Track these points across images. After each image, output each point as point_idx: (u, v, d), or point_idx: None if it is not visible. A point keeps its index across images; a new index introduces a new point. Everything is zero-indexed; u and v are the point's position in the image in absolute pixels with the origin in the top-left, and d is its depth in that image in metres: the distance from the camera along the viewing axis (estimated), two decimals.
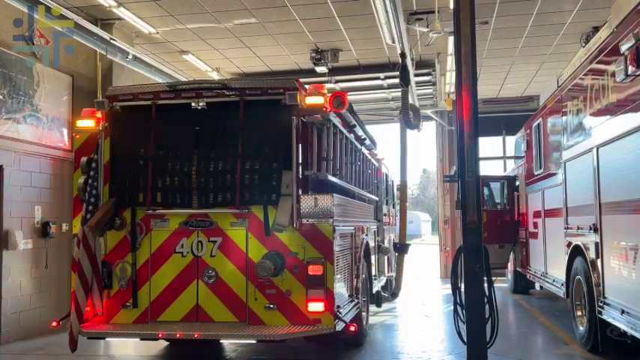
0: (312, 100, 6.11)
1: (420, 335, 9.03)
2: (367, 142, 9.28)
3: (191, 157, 6.21)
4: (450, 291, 6.39)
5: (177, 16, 9.85)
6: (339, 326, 6.02)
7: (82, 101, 9.97)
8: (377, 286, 9.93)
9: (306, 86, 6.40)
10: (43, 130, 9.13)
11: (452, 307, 6.18)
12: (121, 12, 9.47)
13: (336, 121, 6.77)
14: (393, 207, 13.31)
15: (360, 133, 8.55)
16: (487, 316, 5.59)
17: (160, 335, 6.04)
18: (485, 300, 5.57)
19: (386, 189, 11.91)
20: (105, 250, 6.29)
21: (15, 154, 8.52)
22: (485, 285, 5.57)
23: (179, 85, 6.59)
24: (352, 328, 6.17)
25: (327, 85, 13.86)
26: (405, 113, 10.10)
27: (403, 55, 9.82)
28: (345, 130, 7.39)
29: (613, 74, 5.90)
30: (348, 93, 12.95)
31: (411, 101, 11.02)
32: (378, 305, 10.27)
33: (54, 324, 6.41)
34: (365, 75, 13.62)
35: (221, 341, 7.73)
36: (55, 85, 9.42)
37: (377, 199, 10.38)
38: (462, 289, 5.64)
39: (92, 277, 6.12)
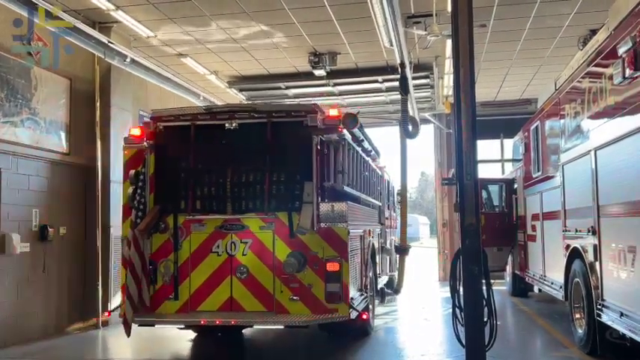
0: (330, 122, 7.00)
1: (419, 338, 9.02)
2: (372, 153, 10.23)
3: (225, 170, 7.13)
4: (448, 294, 6.39)
5: (175, 20, 9.85)
6: (353, 315, 6.92)
7: (80, 104, 9.98)
8: (380, 284, 10.97)
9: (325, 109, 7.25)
10: (40, 134, 9.12)
11: (451, 310, 6.19)
12: (119, 15, 9.47)
13: (349, 137, 7.61)
14: (394, 211, 14.17)
15: (367, 145, 9.40)
16: (486, 319, 5.59)
17: (202, 322, 6.98)
18: (484, 303, 5.57)
19: (387, 194, 12.81)
20: (151, 250, 7.13)
21: (13, 157, 8.50)
22: (484, 288, 5.57)
23: (214, 109, 7.59)
24: (364, 316, 7.48)
25: (325, 89, 14.05)
26: (405, 124, 11.04)
27: (402, 65, 10.35)
28: (355, 145, 8.28)
29: (611, 77, 5.91)
30: (346, 96, 13.64)
31: (410, 108, 11.76)
32: (382, 300, 11.39)
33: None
34: (363, 78, 13.62)
35: (242, 332, 8.80)
36: (52, 88, 9.41)
37: (380, 204, 11.14)
38: (461, 292, 5.64)
39: (141, 274, 6.92)
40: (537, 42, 11.36)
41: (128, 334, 6.89)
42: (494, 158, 17.28)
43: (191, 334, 8.95)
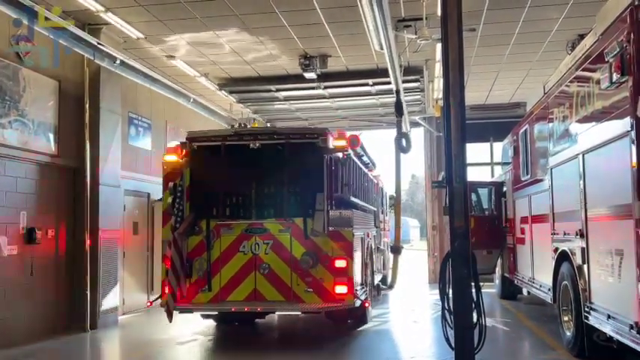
0: (338, 143, 8.40)
1: (409, 341, 9.05)
2: (369, 164, 11.74)
3: (250, 183, 8.52)
4: (438, 296, 6.41)
5: (165, 22, 9.82)
6: (357, 303, 8.30)
7: (68, 106, 9.91)
8: (376, 280, 12.36)
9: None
10: (29, 136, 9.05)
11: (440, 313, 6.20)
12: (109, 17, 9.42)
13: (353, 155, 9.07)
14: (386, 215, 15.83)
15: (366, 159, 10.93)
16: (475, 321, 5.61)
17: (233, 309, 8.32)
18: (473, 305, 5.60)
19: (381, 200, 14.53)
20: (187, 249, 8.35)
21: (0, 159, 8.43)
22: (473, 290, 5.59)
23: (241, 131, 9.04)
24: (366, 304, 9.07)
25: (316, 92, 14.08)
26: (399, 140, 12.71)
27: (398, 92, 12.01)
28: (357, 161, 9.78)
29: (598, 81, 5.96)
30: (336, 99, 14.68)
31: (403, 125, 13.51)
32: (378, 294, 12.69)
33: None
34: (354, 81, 13.65)
35: (256, 320, 10.08)
36: (41, 90, 9.34)
37: (375, 209, 12.59)
38: (450, 295, 5.65)
39: (180, 269, 8.12)
40: (526, 46, 11.44)
41: (170, 320, 8.19)
42: (484, 161, 17.35)
43: (182, 338, 8.93)
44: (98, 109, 10.22)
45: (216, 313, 9.30)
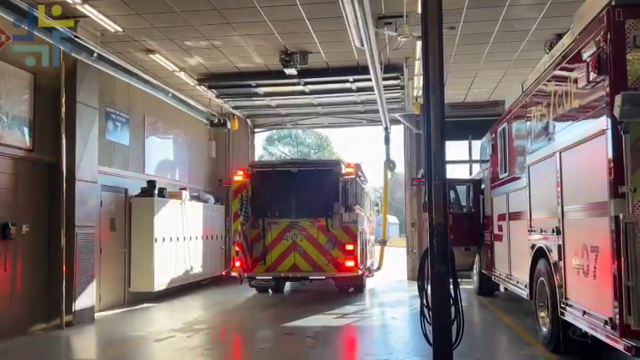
0: (348, 170, 13.30)
1: (387, 337, 9.08)
2: (364, 180, 16.62)
3: (291, 195, 13.14)
4: (416, 293, 6.44)
5: (143, 15, 9.68)
6: (359, 272, 13.03)
7: (44, 100, 9.73)
8: (368, 263, 16.28)
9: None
10: (2, 129, 8.86)
11: (418, 309, 6.24)
12: (86, 9, 9.25)
13: (356, 177, 13.81)
14: (373, 216, 20.91)
15: (362, 177, 15.80)
16: (453, 317, 5.65)
17: (282, 276, 12.93)
18: (451, 302, 5.63)
19: (369, 205, 19.27)
20: (250, 237, 12.83)
21: None
22: (451, 287, 5.63)
23: (285, 161, 16.44)
24: (366, 274, 14.46)
25: (296, 88, 14.06)
26: (387, 164, 17.36)
27: (386, 128, 16.29)
28: (358, 180, 14.56)
29: (575, 80, 6.04)
30: (317, 95, 15.78)
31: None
32: (369, 273, 16.11)
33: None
34: (334, 78, 13.63)
35: (285, 289, 14.61)
36: (15, 83, 9.15)
37: (366, 212, 17.03)
38: (429, 291, 5.68)
39: (246, 250, 12.59)
40: (505, 45, 11.54)
41: (241, 283, 12.84)
42: (463, 159, 17.46)
43: (160, 335, 8.83)
44: (74, 103, 10.04)
45: (257, 285, 13.30)
